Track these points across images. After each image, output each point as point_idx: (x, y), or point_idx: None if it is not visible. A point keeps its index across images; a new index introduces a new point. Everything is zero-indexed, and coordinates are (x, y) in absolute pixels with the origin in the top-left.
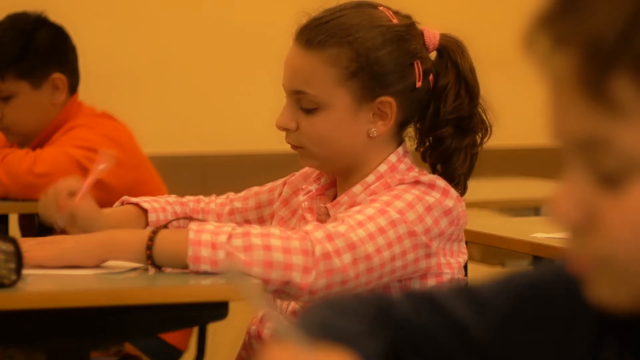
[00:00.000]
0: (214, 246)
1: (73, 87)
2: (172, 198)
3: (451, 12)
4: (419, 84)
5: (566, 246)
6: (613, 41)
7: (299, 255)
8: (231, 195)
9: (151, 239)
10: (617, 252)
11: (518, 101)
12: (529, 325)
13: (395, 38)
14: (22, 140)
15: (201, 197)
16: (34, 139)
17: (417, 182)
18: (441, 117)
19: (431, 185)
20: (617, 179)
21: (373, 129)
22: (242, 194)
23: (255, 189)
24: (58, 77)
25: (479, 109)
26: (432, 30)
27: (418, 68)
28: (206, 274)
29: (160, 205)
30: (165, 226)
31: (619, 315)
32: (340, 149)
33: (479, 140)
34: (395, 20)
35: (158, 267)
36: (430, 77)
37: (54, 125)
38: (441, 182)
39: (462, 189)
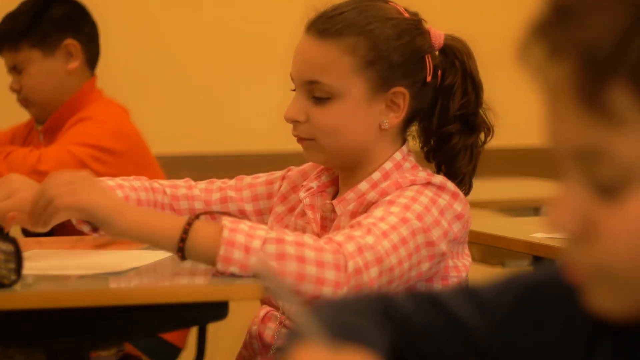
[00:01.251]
0: (247, 250)
1: (91, 60)
2: (139, 183)
3: (453, 11)
4: (429, 79)
5: (564, 254)
6: (608, 51)
7: (331, 270)
8: (217, 182)
9: (186, 232)
10: (615, 261)
11: (518, 101)
12: (529, 327)
13: (409, 31)
14: (40, 111)
15: (176, 181)
16: (50, 115)
17: (428, 184)
18: (450, 114)
19: (441, 188)
20: (615, 189)
21: (385, 121)
22: (233, 182)
23: (248, 180)
24: (71, 43)
25: (481, 110)
26: (437, 30)
27: (429, 62)
28: (233, 276)
29: (124, 193)
30: (197, 217)
31: (615, 323)
32: (351, 140)
33: (482, 139)
34: (406, 15)
35: (184, 259)
36: (439, 73)
37: (70, 105)
38: (451, 185)
39: (467, 187)
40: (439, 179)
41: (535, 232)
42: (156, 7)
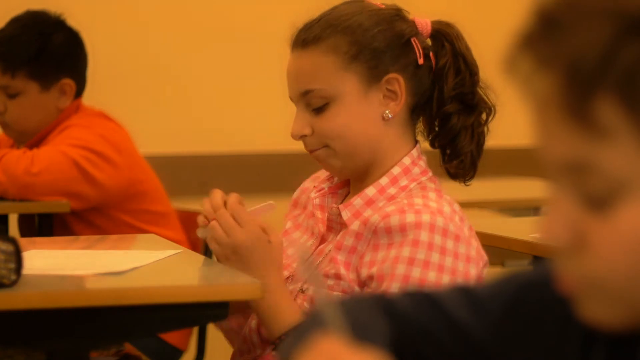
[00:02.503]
0: None
1: (79, 92)
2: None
3: (447, 11)
4: (421, 61)
5: (556, 266)
6: (593, 63)
7: None
8: None
9: (287, 334)
10: (607, 273)
11: (519, 101)
12: (524, 326)
13: (386, 18)
14: (18, 136)
15: None
16: (31, 138)
17: (432, 226)
18: (445, 95)
19: (445, 231)
20: (605, 201)
21: (386, 111)
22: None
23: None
24: (67, 83)
25: (479, 89)
26: (423, 20)
27: (416, 45)
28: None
29: None
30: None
31: (608, 333)
32: (360, 138)
33: (484, 119)
34: (382, 6)
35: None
36: (431, 55)
37: (52, 125)
38: (452, 227)
39: (472, 169)
40: (441, 220)
41: (535, 232)
42: (156, 6)
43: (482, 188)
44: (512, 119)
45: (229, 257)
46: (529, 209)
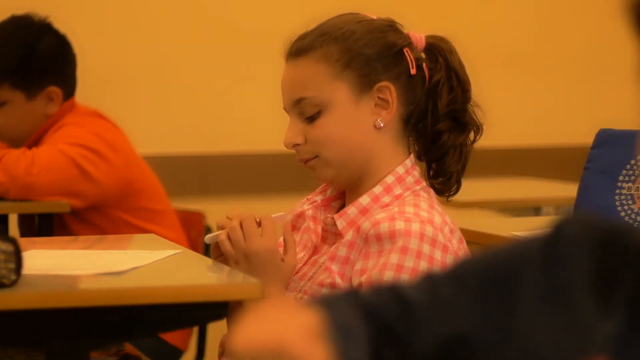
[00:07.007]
0: None
1: (68, 94)
2: None
3: (442, 14)
4: (413, 71)
5: None
6: None
7: None
8: None
9: None
10: None
11: (518, 102)
12: (501, 300)
13: (379, 29)
14: (10, 144)
15: None
16: (23, 144)
17: (422, 235)
18: (440, 112)
19: (434, 241)
20: None
21: (378, 119)
22: None
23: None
24: (54, 90)
25: (469, 107)
26: (417, 34)
27: (409, 55)
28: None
29: None
30: None
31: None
32: (351, 146)
33: (472, 139)
34: (376, 18)
35: None
36: (425, 67)
37: (48, 125)
38: (441, 237)
39: (456, 186)
40: (430, 230)
41: (535, 232)
42: (155, 7)
43: (482, 188)
44: (512, 119)
45: (238, 261)
46: (529, 209)
